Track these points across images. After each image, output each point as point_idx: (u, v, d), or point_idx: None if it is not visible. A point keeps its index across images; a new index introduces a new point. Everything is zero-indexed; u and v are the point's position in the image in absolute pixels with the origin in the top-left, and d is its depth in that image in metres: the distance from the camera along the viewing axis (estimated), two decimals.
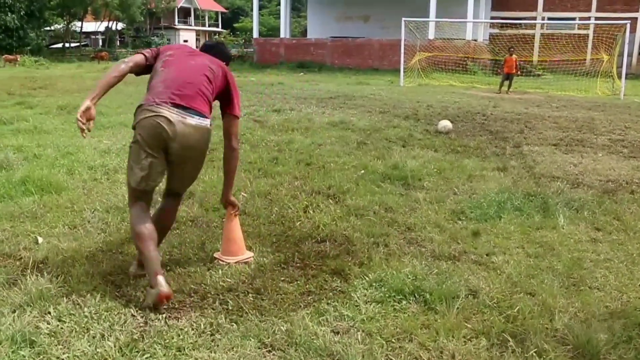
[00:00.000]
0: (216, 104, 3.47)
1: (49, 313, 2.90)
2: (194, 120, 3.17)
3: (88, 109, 3.13)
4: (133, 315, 2.93)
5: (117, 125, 8.96)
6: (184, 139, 3.14)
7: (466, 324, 2.91)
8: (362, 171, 6.15)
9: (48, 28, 48.46)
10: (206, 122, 3.24)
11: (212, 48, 3.69)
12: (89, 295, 3.10)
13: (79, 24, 53.47)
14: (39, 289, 3.08)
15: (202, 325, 2.85)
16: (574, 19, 33.81)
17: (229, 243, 3.68)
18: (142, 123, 3.13)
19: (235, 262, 3.60)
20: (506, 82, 18.55)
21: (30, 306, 2.95)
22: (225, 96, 3.46)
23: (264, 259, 3.72)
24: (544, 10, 35.40)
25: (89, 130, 3.18)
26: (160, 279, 2.99)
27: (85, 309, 2.94)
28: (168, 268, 3.51)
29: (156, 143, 3.13)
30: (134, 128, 3.20)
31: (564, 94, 18.53)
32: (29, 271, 3.34)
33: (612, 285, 3.51)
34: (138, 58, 3.39)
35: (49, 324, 2.80)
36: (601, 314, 3.12)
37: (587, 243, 4.24)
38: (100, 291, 3.15)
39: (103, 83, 3.23)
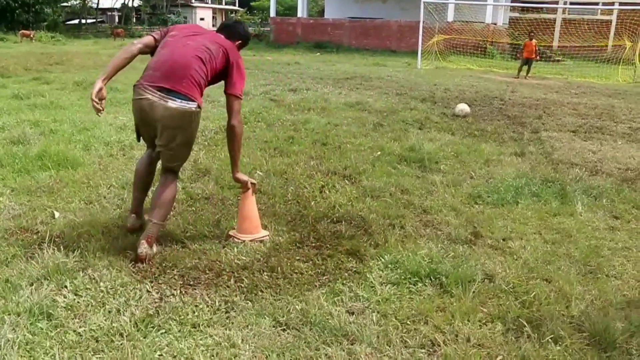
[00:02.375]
0: None
1: (66, 287, 2.92)
2: (175, 103, 3.25)
3: (100, 89, 3.30)
4: (148, 291, 2.95)
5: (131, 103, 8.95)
6: (166, 121, 3.28)
7: (482, 308, 2.90)
8: (379, 152, 6.12)
9: (64, 4, 48.43)
10: (190, 105, 3.30)
11: (225, 27, 3.76)
12: (104, 270, 3.12)
13: (95, 0, 53.42)
14: (55, 263, 3.11)
15: (217, 303, 2.86)
16: (597, 4, 33.17)
17: (244, 221, 3.67)
18: (133, 104, 3.42)
19: (251, 240, 3.60)
20: (525, 67, 18.29)
21: (47, 279, 2.98)
22: (226, 76, 3.50)
23: (280, 237, 3.72)
24: None
25: (102, 109, 3.36)
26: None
27: (101, 284, 2.97)
28: (183, 244, 3.53)
29: (143, 122, 3.43)
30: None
31: (583, 81, 18.23)
32: (45, 245, 3.37)
33: (630, 274, 3.47)
34: (147, 40, 3.54)
35: (65, 297, 2.83)
36: (618, 302, 3.08)
37: (605, 231, 4.19)
38: (116, 266, 3.17)
39: (113, 64, 3.37)
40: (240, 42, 3.71)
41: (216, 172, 5.07)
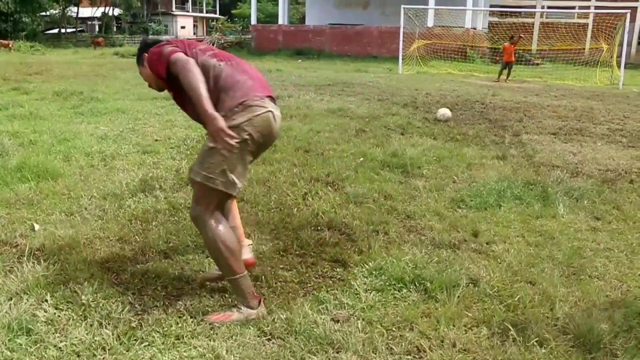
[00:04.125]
0: None
1: (46, 301, 2.87)
2: (279, 112, 2.92)
3: None
4: (131, 303, 2.90)
5: (114, 111, 8.89)
6: (279, 134, 2.98)
7: (467, 313, 2.90)
8: (361, 159, 6.12)
9: (43, 13, 48.01)
10: None
11: None
12: (86, 283, 3.07)
13: (74, 9, 53.01)
14: (35, 277, 3.06)
15: (200, 314, 2.83)
16: (573, 7, 33.67)
17: None
18: (255, 121, 2.73)
19: None
20: (505, 71, 18.48)
21: (27, 294, 2.92)
22: None
23: (263, 246, 3.70)
24: None
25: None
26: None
27: (83, 297, 2.91)
28: (166, 255, 3.50)
29: (268, 141, 2.90)
30: (236, 127, 2.69)
31: (562, 83, 18.47)
32: (25, 258, 3.31)
33: (612, 274, 3.50)
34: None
35: (45, 312, 2.77)
36: (601, 303, 3.11)
37: (587, 232, 4.23)
38: (98, 279, 3.12)
39: (206, 91, 2.67)
40: None
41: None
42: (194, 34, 67.45)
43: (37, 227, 3.90)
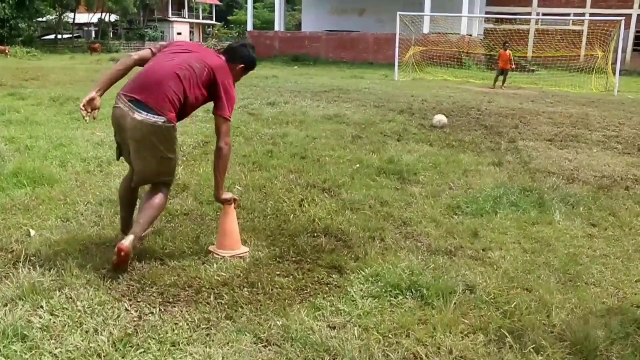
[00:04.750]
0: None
1: (42, 307, 2.86)
2: (140, 115, 3.28)
3: (92, 99, 3.42)
4: (127, 310, 2.90)
5: (110, 117, 8.87)
6: (131, 133, 3.34)
7: (463, 320, 2.90)
8: (357, 165, 6.13)
9: (40, 19, 47.98)
10: (155, 119, 3.28)
11: (228, 49, 3.74)
12: (82, 289, 3.06)
13: (71, 15, 53.01)
14: (31, 283, 3.04)
15: (196, 320, 2.82)
16: (568, 14, 33.86)
17: (224, 237, 3.64)
18: (112, 112, 3.45)
19: (231, 257, 3.57)
20: (500, 77, 18.53)
21: (22, 300, 2.91)
22: (213, 96, 3.49)
23: (259, 252, 3.69)
24: (539, 5, 35.45)
25: (94, 118, 3.50)
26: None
27: (79, 303, 2.91)
28: (162, 261, 3.48)
29: (117, 131, 3.48)
30: None
31: (558, 90, 18.54)
32: (21, 264, 3.30)
33: (609, 281, 3.51)
34: (144, 52, 3.63)
35: (41, 318, 2.76)
36: (598, 310, 3.11)
37: (583, 239, 4.24)
38: (94, 285, 3.11)
39: (108, 76, 3.49)
40: (242, 65, 3.65)
41: (195, 188, 5.03)
42: (190, 40, 67.50)
43: (32, 232, 3.89)
